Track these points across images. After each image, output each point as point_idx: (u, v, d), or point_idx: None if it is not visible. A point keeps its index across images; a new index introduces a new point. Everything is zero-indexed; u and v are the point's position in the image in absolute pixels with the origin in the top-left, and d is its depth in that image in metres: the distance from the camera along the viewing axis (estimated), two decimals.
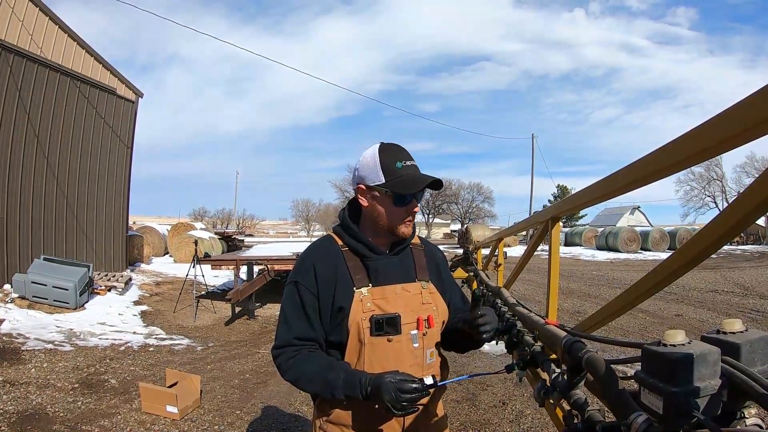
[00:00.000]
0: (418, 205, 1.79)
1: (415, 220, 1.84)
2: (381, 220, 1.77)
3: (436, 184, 1.74)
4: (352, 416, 1.72)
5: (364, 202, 1.79)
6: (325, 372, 1.67)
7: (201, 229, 23.81)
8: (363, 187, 1.77)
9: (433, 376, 1.60)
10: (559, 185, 66.97)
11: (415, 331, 1.73)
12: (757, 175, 0.82)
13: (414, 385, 1.54)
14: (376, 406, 1.60)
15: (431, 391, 1.61)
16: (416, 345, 1.73)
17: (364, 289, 1.73)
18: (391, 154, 1.73)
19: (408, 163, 1.72)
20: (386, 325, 1.68)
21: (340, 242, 1.82)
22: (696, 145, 0.92)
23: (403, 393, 1.52)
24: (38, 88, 11.72)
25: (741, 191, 0.86)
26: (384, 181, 1.70)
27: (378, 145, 1.76)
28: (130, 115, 15.52)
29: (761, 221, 38.09)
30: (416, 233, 1.97)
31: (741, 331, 0.89)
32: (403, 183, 1.69)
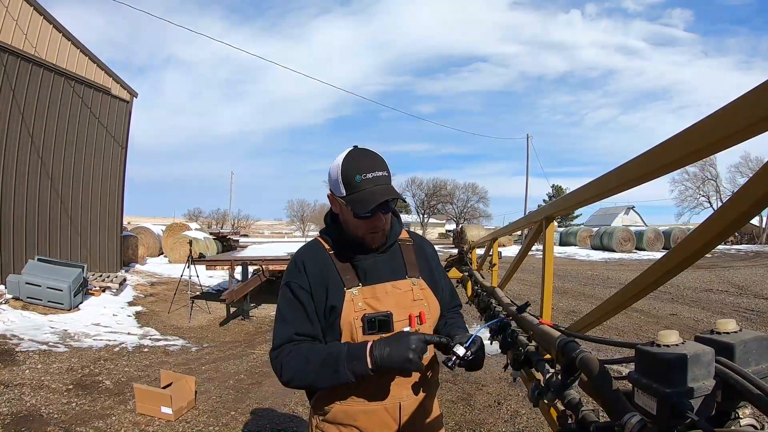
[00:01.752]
0: (385, 216, 1.72)
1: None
2: (349, 228, 1.76)
3: (389, 204, 1.68)
4: (349, 415, 1.72)
5: (335, 208, 1.80)
6: (327, 348, 1.67)
7: (196, 229, 23.82)
8: (329, 195, 1.77)
9: (460, 344, 1.63)
10: (554, 185, 67.41)
11: (407, 328, 1.72)
12: (751, 175, 0.81)
13: (437, 338, 1.66)
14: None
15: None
16: None
17: (354, 289, 1.72)
18: (352, 165, 1.66)
19: (368, 175, 1.64)
20: (378, 324, 1.68)
21: (326, 246, 1.82)
22: (690, 144, 0.92)
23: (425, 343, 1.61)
24: (32, 88, 11.70)
25: (735, 191, 0.86)
26: (345, 194, 1.67)
27: (345, 154, 1.70)
28: (125, 115, 15.49)
29: (755, 221, 38.28)
30: (403, 228, 1.96)
31: (735, 331, 0.89)
32: (358, 201, 1.64)
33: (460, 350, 1.60)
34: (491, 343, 2.30)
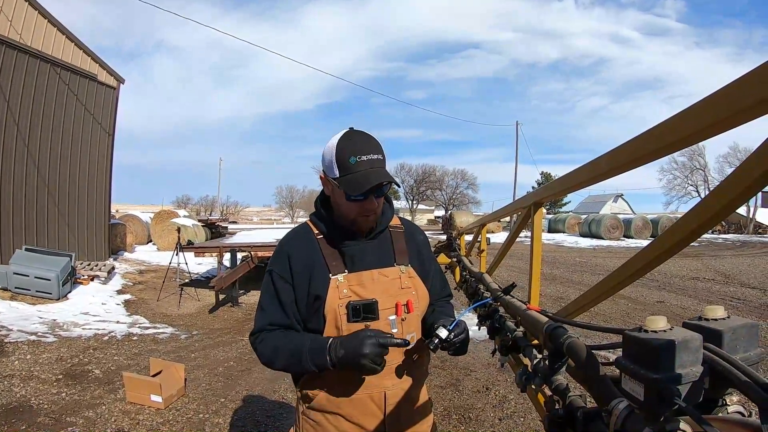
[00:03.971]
0: (378, 200, 1.69)
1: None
2: (340, 211, 1.73)
3: (383, 187, 1.66)
4: (333, 402, 1.72)
5: (327, 190, 1.78)
6: (294, 341, 1.69)
7: (184, 216, 23.67)
8: (322, 176, 1.75)
9: (443, 326, 1.63)
10: (543, 172, 67.60)
11: (393, 317, 1.71)
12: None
13: (395, 341, 1.60)
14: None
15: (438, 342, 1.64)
16: (395, 330, 1.71)
17: (339, 276, 1.70)
18: (347, 146, 1.63)
19: (363, 157, 1.61)
20: (363, 311, 1.66)
21: (315, 230, 1.80)
22: (681, 130, 0.91)
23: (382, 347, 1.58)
24: (18, 75, 11.47)
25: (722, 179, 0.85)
26: (338, 175, 1.63)
27: (341, 135, 1.67)
28: (112, 102, 15.25)
29: (742, 211, 38.60)
30: (395, 214, 1.93)
31: (723, 318, 0.89)
32: (352, 182, 1.60)
33: (443, 332, 1.60)
34: (479, 329, 2.30)
